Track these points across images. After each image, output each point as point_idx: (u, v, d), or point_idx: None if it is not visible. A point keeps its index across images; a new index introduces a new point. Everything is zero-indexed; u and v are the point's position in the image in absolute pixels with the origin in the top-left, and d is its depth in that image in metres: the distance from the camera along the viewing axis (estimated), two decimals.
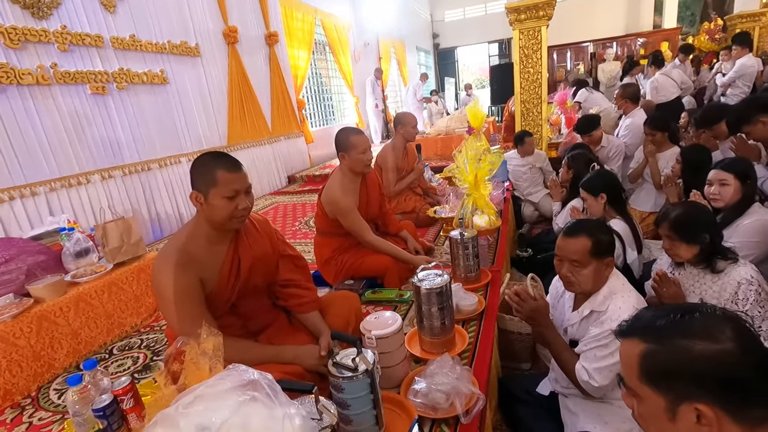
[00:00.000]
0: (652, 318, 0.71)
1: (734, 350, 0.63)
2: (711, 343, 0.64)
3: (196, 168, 1.31)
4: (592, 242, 1.42)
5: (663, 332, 0.68)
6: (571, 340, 1.54)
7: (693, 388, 0.63)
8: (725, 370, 0.62)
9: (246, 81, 5.05)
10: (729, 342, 0.63)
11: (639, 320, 0.73)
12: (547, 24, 4.00)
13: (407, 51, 11.24)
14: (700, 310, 0.69)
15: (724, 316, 0.67)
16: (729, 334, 0.64)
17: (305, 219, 3.96)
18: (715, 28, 9.40)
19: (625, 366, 0.72)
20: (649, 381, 0.67)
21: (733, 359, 0.62)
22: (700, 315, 0.68)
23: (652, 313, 0.72)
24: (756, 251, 1.90)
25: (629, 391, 0.72)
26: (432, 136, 5.92)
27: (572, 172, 2.95)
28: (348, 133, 2.19)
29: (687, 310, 0.69)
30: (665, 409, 0.65)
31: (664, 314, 0.70)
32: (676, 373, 0.65)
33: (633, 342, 0.70)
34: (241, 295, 1.41)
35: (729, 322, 0.66)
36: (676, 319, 0.68)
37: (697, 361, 0.63)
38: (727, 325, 0.65)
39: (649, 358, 0.67)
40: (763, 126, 2.37)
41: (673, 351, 0.66)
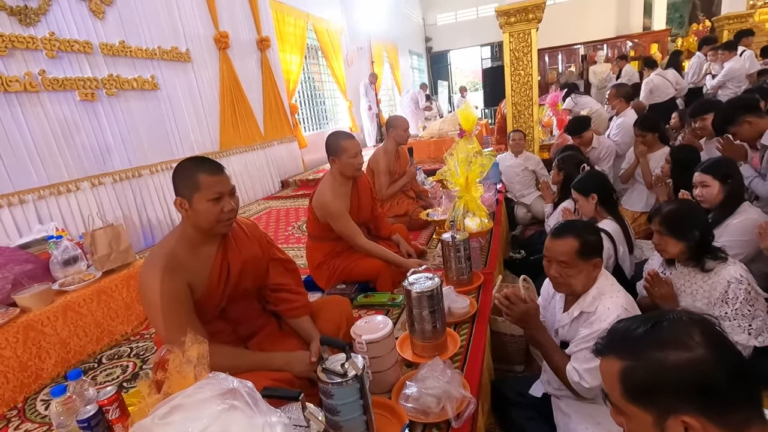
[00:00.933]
0: (625, 332, 0.70)
1: (705, 356, 0.62)
2: (683, 351, 0.63)
3: (178, 174, 1.30)
4: (579, 243, 1.43)
5: (636, 347, 0.67)
6: (562, 341, 1.54)
7: (675, 401, 0.63)
8: (701, 378, 0.61)
9: (238, 86, 5.04)
10: (699, 348, 0.63)
11: (613, 336, 0.72)
12: (537, 27, 4.03)
13: (400, 54, 11.28)
14: (667, 318, 0.68)
15: (692, 321, 0.67)
16: (698, 339, 0.63)
17: (298, 223, 3.94)
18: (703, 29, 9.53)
19: (607, 384, 0.71)
20: (632, 398, 0.66)
21: (707, 365, 0.62)
22: (668, 323, 0.67)
23: (624, 327, 0.71)
24: (746, 250, 1.91)
25: (616, 408, 0.71)
26: (425, 139, 5.93)
27: (563, 174, 2.96)
28: (338, 137, 2.18)
29: (656, 320, 0.68)
30: (653, 425, 0.65)
31: (635, 327, 0.69)
32: (656, 388, 0.64)
33: (610, 360, 0.70)
34: (230, 300, 1.40)
35: (697, 327, 0.65)
36: (646, 331, 0.67)
37: (672, 372, 0.63)
38: (696, 330, 0.65)
39: (628, 376, 0.66)
40: (749, 126, 2.40)
41: (648, 366, 0.65)
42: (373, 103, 8.37)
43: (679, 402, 0.62)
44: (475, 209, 2.26)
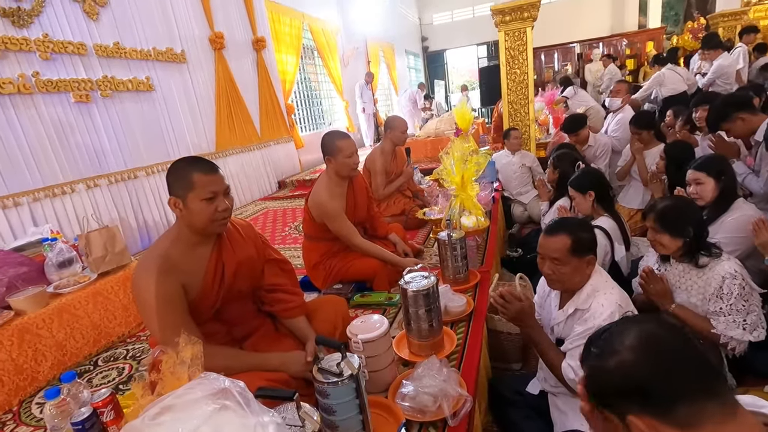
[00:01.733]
0: (589, 344, 0.73)
1: (631, 359, 0.64)
2: (612, 357, 0.65)
3: (172, 174, 1.29)
4: (572, 240, 1.43)
5: (588, 358, 0.71)
6: (557, 338, 1.54)
7: (623, 403, 0.64)
8: (632, 380, 0.63)
9: (233, 87, 5.03)
10: (626, 352, 0.64)
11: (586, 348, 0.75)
12: (532, 25, 4.03)
13: (396, 54, 11.28)
14: (611, 327, 0.71)
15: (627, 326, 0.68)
16: (627, 343, 0.65)
17: (295, 224, 3.94)
18: (698, 27, 9.56)
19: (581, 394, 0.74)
20: (599, 404, 0.69)
21: (634, 368, 0.63)
22: (608, 332, 0.70)
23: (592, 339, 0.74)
24: (741, 246, 1.92)
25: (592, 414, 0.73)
26: (422, 138, 5.93)
27: (558, 172, 2.97)
28: (334, 136, 2.18)
29: (605, 329, 0.71)
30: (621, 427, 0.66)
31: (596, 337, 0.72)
32: (606, 393, 0.67)
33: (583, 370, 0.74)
34: (225, 300, 1.39)
35: (630, 331, 0.66)
36: (594, 341, 0.71)
37: (609, 378, 0.65)
38: (628, 335, 0.66)
39: (588, 386, 0.70)
40: (741, 123, 2.40)
41: (594, 374, 0.69)
42: (370, 103, 8.35)
43: (627, 404, 0.64)
44: (471, 208, 2.27)
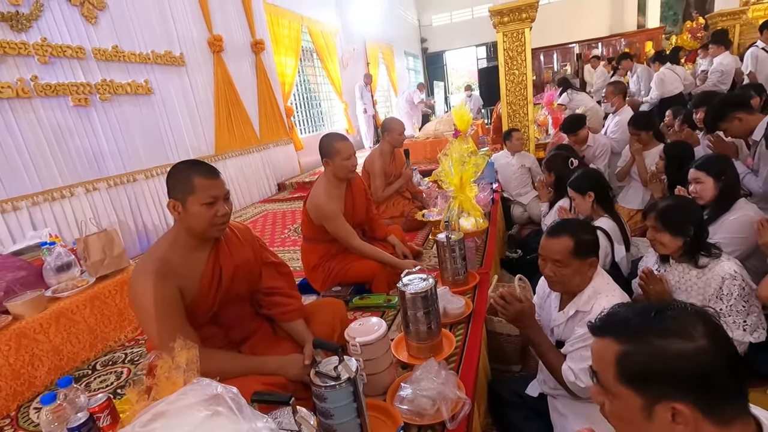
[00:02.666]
0: (626, 317, 0.70)
1: (708, 347, 0.62)
2: (686, 341, 0.63)
3: (173, 176, 1.29)
4: (574, 242, 1.42)
5: (638, 332, 0.67)
6: (557, 340, 1.53)
7: (670, 388, 0.63)
8: (701, 368, 0.62)
9: (232, 89, 5.03)
10: (702, 339, 0.63)
11: (612, 318, 0.72)
12: (530, 26, 4.03)
13: (395, 56, 11.29)
14: (672, 308, 0.68)
15: (696, 313, 0.67)
16: (702, 331, 0.63)
17: (294, 226, 3.93)
18: (697, 26, 9.55)
19: (599, 364, 0.70)
20: (627, 381, 0.66)
21: (708, 356, 0.62)
22: (673, 312, 0.67)
23: (625, 312, 0.72)
24: (742, 247, 1.91)
25: (602, 389, 0.71)
26: (421, 139, 5.93)
27: (553, 174, 2.96)
28: (332, 138, 2.18)
29: (660, 309, 0.68)
30: (641, 408, 0.65)
31: (638, 313, 0.69)
32: (654, 374, 0.64)
33: (607, 341, 0.69)
34: (222, 304, 1.39)
35: (700, 319, 0.65)
36: (650, 318, 0.67)
37: (675, 360, 0.63)
38: (699, 322, 0.65)
39: (626, 360, 0.66)
40: (739, 122, 2.39)
41: (650, 352, 0.65)
42: (369, 105, 8.35)
43: (673, 389, 0.62)
44: (470, 209, 2.26)
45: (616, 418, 0.70)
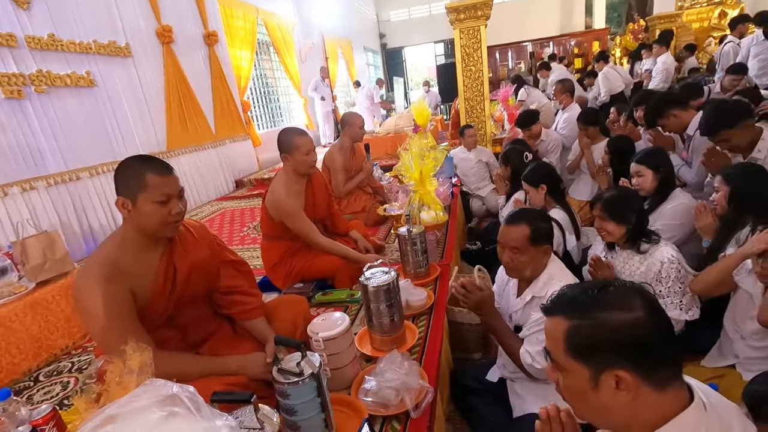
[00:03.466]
0: (573, 295, 0.75)
1: (644, 318, 0.68)
2: (626, 313, 0.68)
3: (122, 172, 1.22)
4: (530, 230, 1.48)
5: (584, 308, 0.72)
6: (516, 325, 1.59)
7: (613, 357, 0.68)
8: (638, 337, 0.67)
9: (185, 82, 4.82)
10: (640, 311, 0.68)
11: (561, 298, 0.77)
12: (486, 24, 4.13)
13: (355, 50, 11.22)
14: (613, 284, 0.74)
15: (633, 288, 0.73)
16: (639, 303, 0.69)
17: (254, 224, 3.83)
18: (638, 28, 10.16)
19: (551, 342, 0.75)
20: (575, 354, 0.71)
21: (644, 326, 0.68)
22: (614, 288, 0.73)
23: (572, 291, 0.77)
24: (679, 233, 2.07)
25: (555, 365, 0.75)
26: (381, 135, 5.94)
27: (509, 167, 3.07)
28: (291, 133, 2.14)
29: (602, 286, 0.74)
30: (589, 379, 0.70)
31: (583, 291, 0.75)
32: (599, 344, 0.69)
33: (557, 319, 0.74)
34: (179, 305, 1.34)
35: (637, 293, 0.71)
36: (594, 294, 0.73)
37: (616, 330, 0.68)
38: (637, 296, 0.71)
39: (573, 334, 0.71)
40: (675, 119, 2.59)
41: (594, 324, 0.70)
42: (329, 100, 8.26)
43: (615, 358, 0.68)
44: (430, 203, 2.30)
45: (569, 392, 0.75)
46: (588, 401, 0.72)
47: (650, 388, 0.67)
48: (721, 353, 1.59)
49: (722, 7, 9.65)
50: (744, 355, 1.50)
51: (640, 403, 0.68)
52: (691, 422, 0.67)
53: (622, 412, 0.69)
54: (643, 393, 0.67)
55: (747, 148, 2.13)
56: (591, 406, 0.72)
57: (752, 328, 1.46)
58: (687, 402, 0.68)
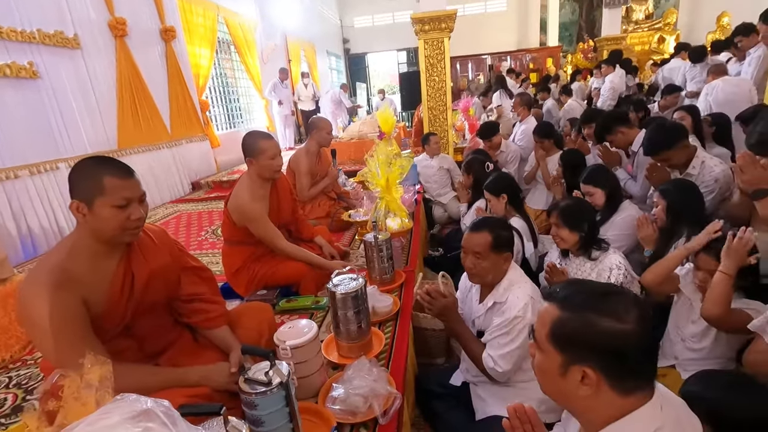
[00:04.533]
0: (575, 291, 0.79)
1: (633, 331, 0.72)
2: (616, 323, 0.72)
3: (78, 174, 1.15)
4: (492, 237, 1.54)
5: (579, 306, 0.76)
6: (478, 331, 1.64)
7: (586, 354, 0.73)
8: (617, 347, 0.72)
9: (139, 78, 4.59)
10: (631, 324, 0.72)
11: (563, 290, 0.81)
12: (449, 36, 4.26)
13: (318, 54, 11.15)
14: (615, 292, 0.78)
15: (635, 302, 0.76)
16: (633, 316, 0.73)
17: (213, 228, 3.70)
18: (588, 48, 10.83)
19: (539, 323, 0.80)
20: (554, 341, 0.77)
21: (628, 339, 0.71)
22: (616, 297, 0.76)
23: (577, 287, 0.81)
24: (627, 242, 2.23)
25: (536, 343, 0.81)
26: (345, 140, 5.94)
27: (472, 176, 3.17)
28: (256, 137, 2.10)
29: (605, 291, 0.78)
30: (559, 366, 0.75)
31: (585, 290, 0.79)
32: (578, 341, 0.74)
33: (552, 306, 0.79)
34: (136, 314, 1.27)
35: (636, 306, 0.75)
36: (593, 296, 0.77)
37: (599, 335, 0.72)
38: (634, 309, 0.74)
39: (559, 324, 0.76)
40: (622, 135, 2.81)
41: (581, 323, 0.74)
42: (288, 103, 8.12)
43: (588, 356, 0.73)
44: (395, 209, 2.33)
45: (540, 370, 0.81)
46: (553, 383, 0.78)
47: (613, 392, 0.72)
48: (663, 354, 1.73)
49: (661, 33, 10.50)
50: (683, 357, 1.64)
51: (599, 401, 0.73)
52: (645, 419, 0.72)
53: (580, 402, 0.76)
54: (604, 392, 0.72)
55: (684, 165, 2.34)
56: (555, 388, 0.79)
57: (692, 331, 1.60)
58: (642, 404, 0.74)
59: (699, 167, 2.29)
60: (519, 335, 1.46)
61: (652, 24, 11.01)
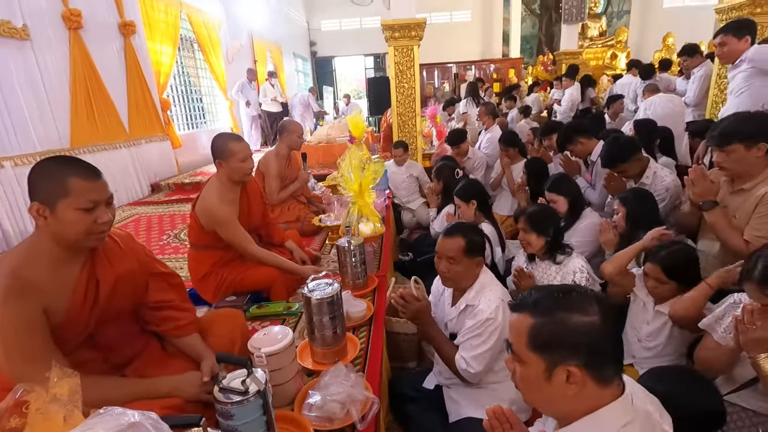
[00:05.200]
0: (540, 296, 0.84)
1: (598, 321, 0.78)
2: (583, 316, 0.78)
3: (39, 175, 1.08)
4: (465, 242, 1.58)
5: (548, 308, 0.80)
6: (451, 333, 1.68)
7: (567, 354, 0.77)
8: (591, 338, 0.77)
9: (94, 74, 4.35)
10: (595, 315, 0.78)
11: (529, 297, 0.85)
12: (419, 44, 4.33)
13: (284, 56, 11.01)
14: (575, 290, 0.83)
15: (592, 295, 0.83)
16: (595, 309, 0.79)
17: (175, 232, 3.56)
18: (547, 61, 11.33)
19: (514, 335, 0.83)
20: (534, 348, 0.79)
21: (597, 329, 0.77)
22: (576, 294, 0.82)
23: (539, 293, 0.85)
24: (589, 248, 2.35)
25: (515, 356, 0.84)
26: (313, 144, 5.89)
27: (442, 182, 3.24)
28: (226, 139, 2.05)
29: (566, 290, 0.83)
30: (544, 371, 0.78)
31: (549, 293, 0.83)
32: (557, 342, 0.78)
33: (523, 315, 0.82)
34: (100, 323, 1.21)
35: (595, 300, 0.81)
36: (558, 297, 0.82)
37: (573, 331, 0.77)
38: (594, 302, 0.80)
39: (536, 330, 0.80)
40: (581, 145, 2.96)
41: (555, 323, 0.78)
42: (255, 104, 7.96)
43: (569, 355, 0.77)
44: (368, 214, 2.33)
45: (523, 381, 0.83)
46: (539, 390, 0.81)
47: (594, 383, 0.77)
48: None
49: (614, 50, 11.16)
50: (639, 355, 1.74)
51: (584, 396, 0.77)
52: (617, 412, 0.77)
53: (567, 402, 0.79)
54: (588, 387, 0.77)
55: (638, 175, 2.50)
56: (541, 395, 0.82)
57: (647, 331, 1.70)
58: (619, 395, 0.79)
59: (652, 177, 2.46)
60: (491, 337, 1.51)
61: (606, 41, 11.68)
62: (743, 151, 1.69)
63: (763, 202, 1.71)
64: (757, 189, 1.73)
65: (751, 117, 1.78)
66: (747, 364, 1.29)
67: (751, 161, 1.72)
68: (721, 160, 1.77)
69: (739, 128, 1.70)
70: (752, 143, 1.67)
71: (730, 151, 1.72)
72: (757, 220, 1.71)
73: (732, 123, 1.77)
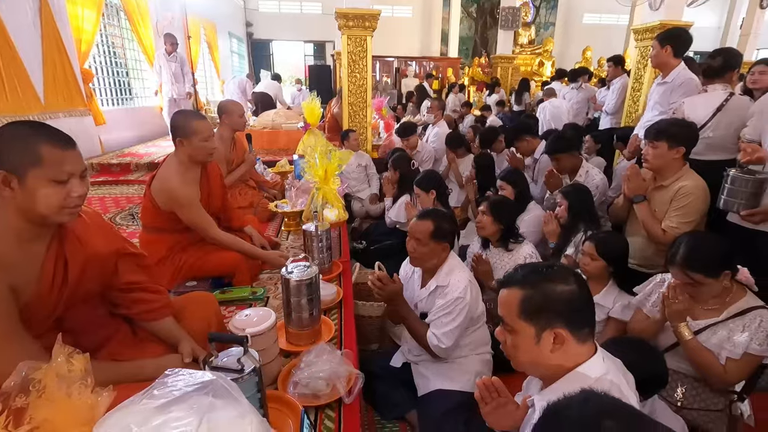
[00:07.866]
0: (526, 272, 0.97)
1: (577, 289, 0.93)
2: (565, 285, 0.92)
3: (6, 140, 0.97)
4: (434, 226, 1.69)
5: (535, 281, 0.94)
6: (421, 313, 1.78)
7: (553, 317, 0.90)
8: (572, 302, 0.91)
9: (4, 36, 3.80)
10: (573, 284, 0.93)
11: (517, 274, 0.98)
12: (372, 35, 4.36)
13: (219, 35, 10.37)
14: (555, 266, 0.98)
15: (569, 269, 0.99)
16: (572, 279, 0.94)
17: (108, 215, 3.27)
18: (484, 63, 11.92)
19: (505, 308, 0.95)
20: (525, 317, 0.92)
21: (577, 295, 0.92)
22: (557, 268, 0.97)
23: (524, 270, 0.99)
24: (534, 238, 2.59)
25: (506, 327, 0.96)
26: (257, 129, 5.68)
27: (398, 172, 3.34)
28: (188, 116, 1.95)
29: (548, 266, 0.97)
30: (533, 336, 0.91)
31: (534, 269, 0.98)
32: (545, 308, 0.91)
33: (513, 290, 0.95)
34: (69, 305, 1.12)
35: (571, 272, 0.97)
36: (542, 271, 0.96)
37: (558, 297, 0.91)
38: (571, 274, 0.96)
39: (526, 301, 0.92)
40: (526, 144, 3.24)
41: (542, 293, 0.92)
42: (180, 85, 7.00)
43: (555, 317, 0.90)
44: (333, 201, 2.35)
45: (515, 348, 0.95)
46: (529, 354, 0.93)
47: (575, 341, 0.91)
48: None
49: (541, 58, 12.06)
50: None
51: (567, 354, 0.91)
52: (594, 366, 0.92)
53: (553, 362, 0.92)
54: (570, 345, 0.90)
55: (572, 172, 2.79)
56: (530, 356, 0.93)
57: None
58: (593, 354, 0.93)
59: (584, 175, 2.77)
60: (460, 314, 1.63)
61: (534, 49, 12.57)
62: (666, 149, 1.99)
63: (677, 197, 2.02)
64: (674, 185, 2.04)
65: (681, 124, 2.08)
66: (670, 331, 1.55)
67: (670, 160, 2.02)
68: (648, 153, 2.06)
69: (669, 129, 2.00)
70: (674, 144, 1.97)
71: (657, 146, 2.01)
72: (672, 212, 2.02)
73: (666, 123, 2.08)
